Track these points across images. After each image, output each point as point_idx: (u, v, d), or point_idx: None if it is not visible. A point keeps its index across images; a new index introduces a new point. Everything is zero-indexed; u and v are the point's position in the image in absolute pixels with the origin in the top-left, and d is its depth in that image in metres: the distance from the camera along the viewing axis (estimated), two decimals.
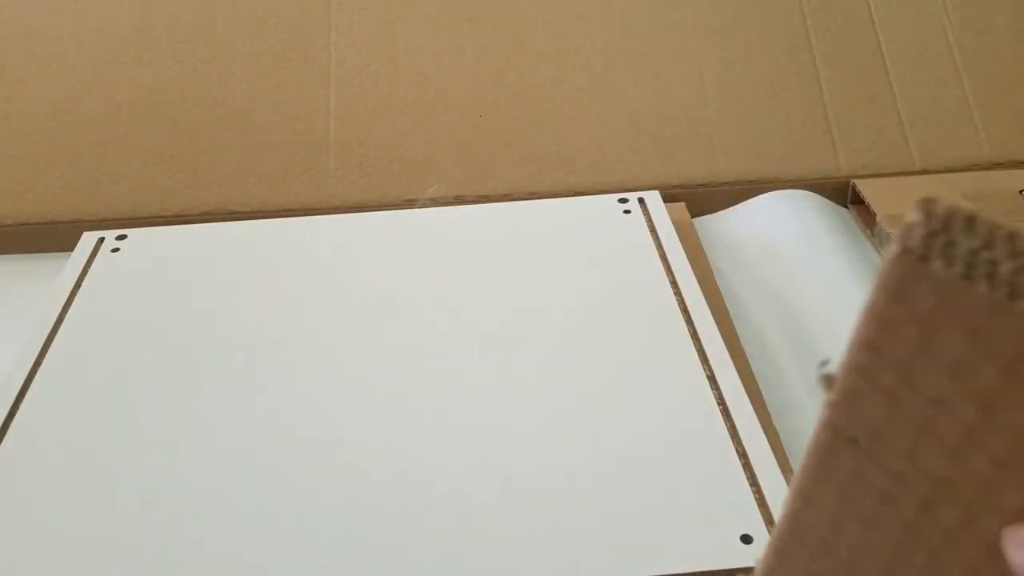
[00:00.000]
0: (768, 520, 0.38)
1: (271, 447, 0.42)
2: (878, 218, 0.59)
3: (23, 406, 0.45)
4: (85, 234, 0.57)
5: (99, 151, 0.63)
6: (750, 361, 0.53)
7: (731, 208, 0.65)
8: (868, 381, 0.18)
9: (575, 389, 0.44)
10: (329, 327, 0.49)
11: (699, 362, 0.46)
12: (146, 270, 0.54)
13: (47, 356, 0.48)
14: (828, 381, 0.19)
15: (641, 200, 0.58)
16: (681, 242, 0.54)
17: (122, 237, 0.56)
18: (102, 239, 0.56)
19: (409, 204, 0.62)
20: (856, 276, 0.58)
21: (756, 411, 0.43)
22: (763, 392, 0.51)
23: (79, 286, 0.52)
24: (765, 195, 0.64)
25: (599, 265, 0.52)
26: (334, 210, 0.61)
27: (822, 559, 0.22)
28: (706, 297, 0.50)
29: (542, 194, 0.62)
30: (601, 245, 0.54)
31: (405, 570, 0.37)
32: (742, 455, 0.41)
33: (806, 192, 0.64)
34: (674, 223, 0.56)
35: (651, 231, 0.55)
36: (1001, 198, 0.60)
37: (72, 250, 0.55)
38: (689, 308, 0.49)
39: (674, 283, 0.51)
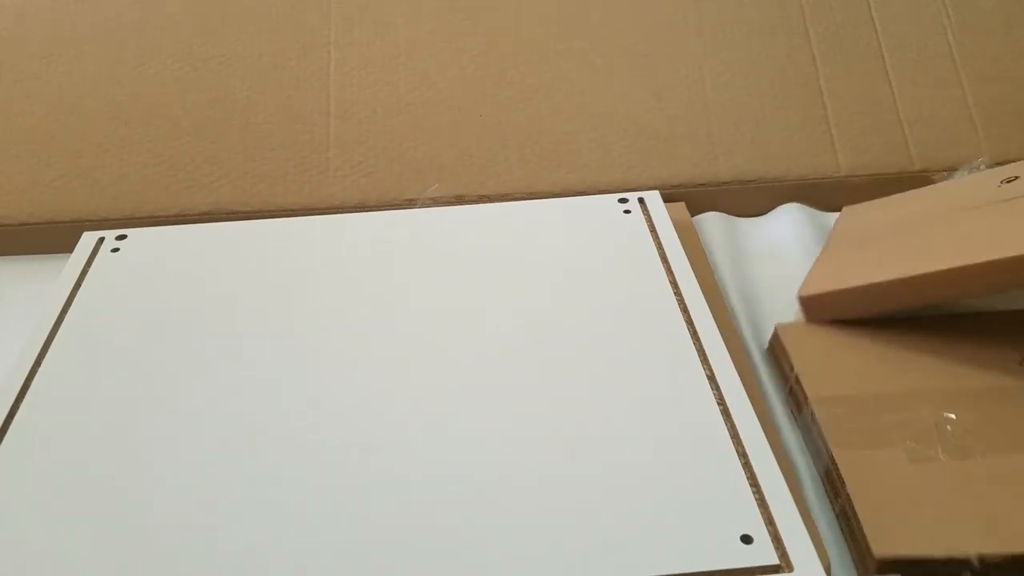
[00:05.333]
0: (768, 520, 0.38)
1: (271, 445, 0.42)
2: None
3: (23, 405, 0.45)
4: (85, 234, 0.57)
5: (99, 151, 0.63)
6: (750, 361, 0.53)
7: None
8: None
9: (575, 389, 0.45)
10: (329, 327, 0.49)
11: (699, 362, 0.46)
12: (146, 270, 0.54)
13: (47, 356, 0.48)
14: None
15: (641, 200, 0.58)
16: (681, 242, 0.54)
17: (122, 237, 0.56)
18: (102, 239, 0.56)
19: (409, 204, 0.62)
20: None
21: (756, 411, 0.43)
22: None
23: (79, 286, 0.52)
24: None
25: (599, 265, 0.52)
26: (334, 210, 0.61)
27: None
28: (706, 297, 0.50)
29: (542, 194, 0.62)
30: (601, 245, 0.54)
31: (407, 568, 0.37)
32: (742, 455, 0.41)
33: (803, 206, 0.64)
34: (674, 223, 0.56)
35: (651, 231, 0.55)
36: None
37: (72, 250, 0.55)
38: (689, 308, 0.49)
39: (674, 283, 0.51)
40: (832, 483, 0.44)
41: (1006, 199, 0.49)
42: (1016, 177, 0.51)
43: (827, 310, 0.53)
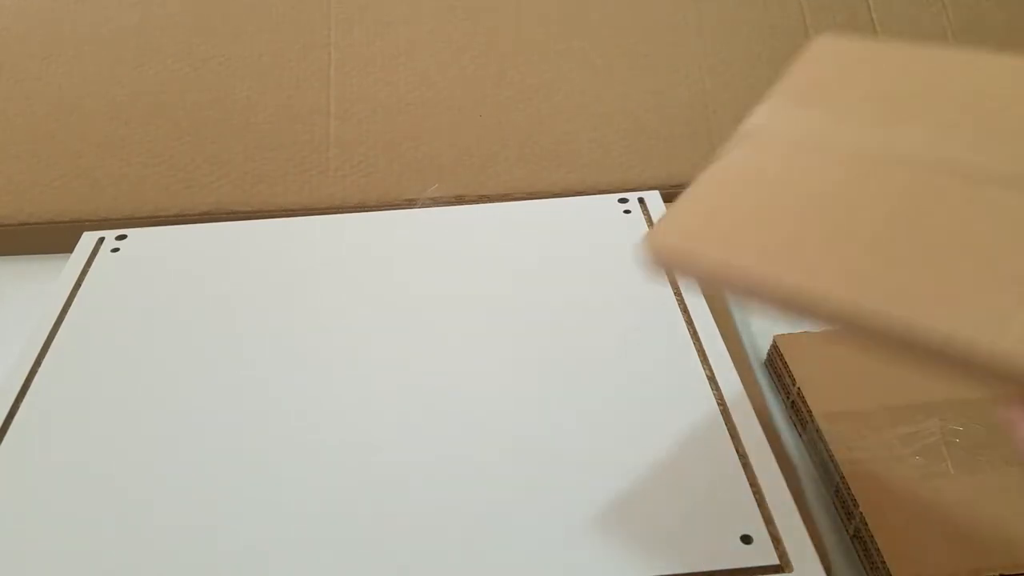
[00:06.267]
0: (768, 520, 0.38)
1: (271, 445, 0.42)
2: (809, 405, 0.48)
3: (23, 405, 0.45)
4: (85, 234, 0.57)
5: (99, 151, 0.63)
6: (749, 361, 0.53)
7: None
8: None
9: (574, 389, 0.45)
10: (329, 327, 0.49)
11: (699, 362, 0.46)
12: (146, 270, 0.54)
13: (47, 356, 0.48)
14: None
15: (641, 200, 0.58)
16: None
17: (122, 237, 0.56)
18: (102, 239, 0.56)
19: (409, 204, 0.62)
20: None
21: (756, 411, 0.43)
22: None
23: (79, 286, 0.52)
24: None
25: (599, 265, 0.52)
26: (334, 210, 0.61)
27: None
28: (706, 297, 0.50)
29: (542, 194, 0.62)
30: (601, 245, 0.54)
31: (407, 568, 0.37)
32: (742, 455, 0.41)
33: None
34: None
35: None
36: None
37: (72, 250, 0.55)
38: (689, 308, 0.49)
39: (674, 283, 0.51)
40: (843, 502, 0.43)
41: None
42: None
43: (684, 268, 0.32)
